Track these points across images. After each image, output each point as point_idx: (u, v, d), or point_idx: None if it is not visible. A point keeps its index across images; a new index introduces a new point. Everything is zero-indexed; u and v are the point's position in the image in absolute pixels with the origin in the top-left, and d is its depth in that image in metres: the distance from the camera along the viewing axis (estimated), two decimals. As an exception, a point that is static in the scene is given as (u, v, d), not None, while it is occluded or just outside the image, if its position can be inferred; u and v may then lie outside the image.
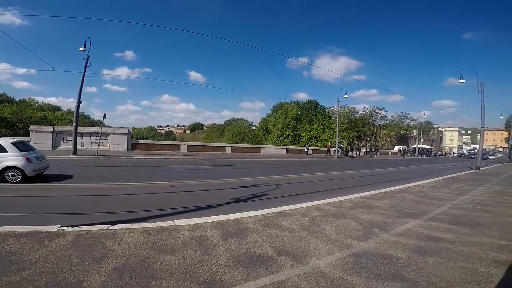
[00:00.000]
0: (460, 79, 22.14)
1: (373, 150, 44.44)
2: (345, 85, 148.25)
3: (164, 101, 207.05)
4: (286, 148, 37.02)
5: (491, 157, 51.81)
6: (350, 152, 38.12)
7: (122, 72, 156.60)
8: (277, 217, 5.13)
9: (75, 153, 17.29)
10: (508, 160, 40.07)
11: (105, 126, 27.45)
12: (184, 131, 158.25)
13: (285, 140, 49.45)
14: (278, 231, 4.32)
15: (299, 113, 51.60)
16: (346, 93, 33.75)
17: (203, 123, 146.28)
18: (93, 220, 4.44)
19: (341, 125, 42.98)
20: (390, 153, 48.98)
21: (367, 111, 53.78)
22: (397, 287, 2.68)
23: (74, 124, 18.12)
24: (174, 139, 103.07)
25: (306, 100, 55.92)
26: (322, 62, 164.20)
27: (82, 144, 22.27)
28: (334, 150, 35.67)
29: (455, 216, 5.77)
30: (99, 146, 20.11)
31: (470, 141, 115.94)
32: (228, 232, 4.15)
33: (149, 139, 65.09)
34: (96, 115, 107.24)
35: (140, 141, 28.21)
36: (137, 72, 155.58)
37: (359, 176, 14.74)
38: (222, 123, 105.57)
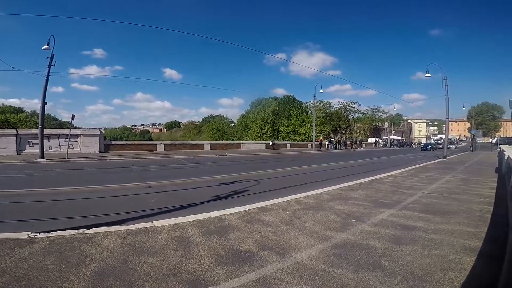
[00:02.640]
0: (426, 73, 23.53)
1: (358, 143, 49.24)
2: (321, 80, 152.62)
3: (137, 99, 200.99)
4: (266, 144, 37.28)
5: (451, 146, 54.50)
6: (338, 145, 42.42)
7: (91, 70, 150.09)
8: (259, 212, 5.16)
9: (42, 157, 16.29)
10: (471, 149, 43.07)
11: (75, 128, 26.14)
12: (160, 129, 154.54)
13: (264, 135, 49.70)
14: (260, 226, 4.35)
15: (277, 108, 52.07)
16: (321, 88, 34.57)
17: (180, 121, 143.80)
18: (66, 226, 4.21)
19: (317, 119, 44.05)
20: (364, 145, 52.27)
21: (342, 105, 55.73)
22: (377, 276, 2.77)
23: (39, 126, 16.99)
24: (150, 138, 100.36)
25: (284, 96, 56.49)
26: (299, 58, 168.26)
27: (50, 147, 20.99)
28: (326, 144, 41.79)
29: (426, 204, 6.08)
30: (69, 149, 19.07)
31: (437, 132, 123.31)
32: (209, 230, 4.11)
33: (123, 139, 62.83)
34: (64, 116, 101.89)
35: (114, 142, 27.06)
36: (108, 70, 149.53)
37: (337, 168, 15.16)
38: (200, 120, 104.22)
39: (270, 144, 37.17)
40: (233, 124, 71.51)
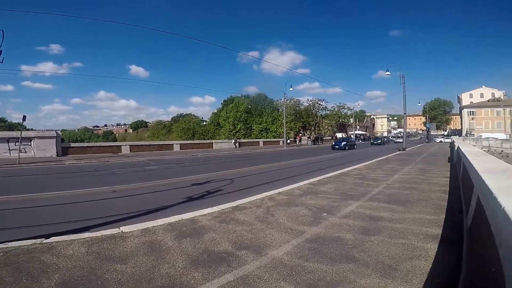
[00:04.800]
0: (386, 71, 25.22)
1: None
2: (291, 78, 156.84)
3: (99, 98, 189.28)
4: (239, 142, 37.10)
5: (399, 140, 52.76)
6: (316, 141, 45.81)
7: (47, 67, 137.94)
8: (233, 211, 5.11)
9: (-11, 162, 14.69)
10: (427, 140, 46.87)
11: (27, 130, 23.93)
12: (126, 130, 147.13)
13: (237, 133, 49.47)
14: (235, 225, 4.31)
15: (250, 106, 52.12)
16: (291, 86, 35.80)
17: (147, 121, 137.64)
18: (21, 236, 3.82)
19: (288, 116, 44.88)
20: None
21: (311, 103, 57.45)
22: (350, 268, 2.86)
23: (-16, 128, 15.32)
24: (114, 140, 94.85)
25: (256, 94, 56.63)
26: (271, 57, 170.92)
27: (-2, 151, 18.99)
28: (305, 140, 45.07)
29: (389, 195, 6.43)
30: (21, 153, 17.38)
31: (396, 126, 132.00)
32: (182, 233, 3.98)
33: (84, 141, 58.93)
34: (15, 118, 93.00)
35: (73, 144, 25.19)
36: (66, 67, 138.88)
37: (307, 163, 15.61)
38: (169, 119, 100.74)
39: (233, 142, 35.08)
40: (204, 123, 70.06)
